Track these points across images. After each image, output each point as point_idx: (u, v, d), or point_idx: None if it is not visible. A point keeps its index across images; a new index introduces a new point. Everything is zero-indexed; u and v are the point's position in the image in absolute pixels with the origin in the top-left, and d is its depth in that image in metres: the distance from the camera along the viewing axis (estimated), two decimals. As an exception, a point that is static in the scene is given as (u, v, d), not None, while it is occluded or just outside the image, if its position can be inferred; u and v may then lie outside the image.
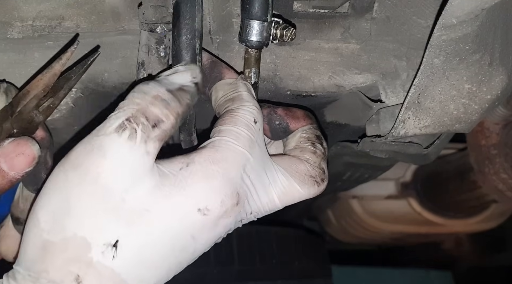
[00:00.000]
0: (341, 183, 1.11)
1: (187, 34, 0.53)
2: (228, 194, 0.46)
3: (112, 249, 0.42)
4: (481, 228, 1.83)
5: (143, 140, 0.43)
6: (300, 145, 0.56)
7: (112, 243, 0.42)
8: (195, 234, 0.45)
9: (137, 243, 0.43)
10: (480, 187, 1.47)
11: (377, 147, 0.67)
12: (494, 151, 1.34)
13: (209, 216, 0.45)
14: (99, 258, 0.41)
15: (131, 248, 0.43)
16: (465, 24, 0.50)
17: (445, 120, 0.60)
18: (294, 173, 0.53)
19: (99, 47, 0.59)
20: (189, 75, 0.50)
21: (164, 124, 0.44)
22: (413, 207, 1.74)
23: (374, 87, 0.65)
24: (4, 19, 0.58)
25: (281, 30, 0.55)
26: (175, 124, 0.46)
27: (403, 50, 0.64)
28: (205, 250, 0.48)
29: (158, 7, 0.55)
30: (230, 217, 0.47)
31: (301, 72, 0.64)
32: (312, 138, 0.57)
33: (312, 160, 0.55)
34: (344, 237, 2.01)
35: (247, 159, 0.48)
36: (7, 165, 0.46)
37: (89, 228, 0.42)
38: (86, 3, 0.58)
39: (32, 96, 0.50)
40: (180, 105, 0.46)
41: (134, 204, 0.43)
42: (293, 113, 0.57)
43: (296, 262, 1.25)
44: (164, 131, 0.44)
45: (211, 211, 0.45)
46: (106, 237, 0.42)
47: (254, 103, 0.52)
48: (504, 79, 0.57)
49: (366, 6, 0.61)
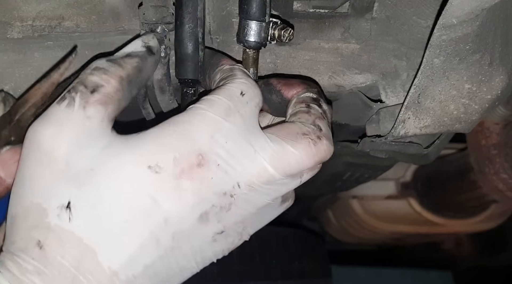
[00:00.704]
0: (341, 183, 1.11)
1: (190, 23, 0.53)
2: (184, 152, 0.44)
3: (66, 211, 0.42)
4: (481, 228, 1.83)
5: (81, 106, 0.44)
6: (295, 109, 0.52)
7: (65, 205, 0.42)
8: (154, 195, 0.43)
9: (89, 203, 0.42)
10: (480, 187, 1.47)
11: (377, 147, 0.67)
12: (494, 151, 1.34)
13: (162, 174, 0.43)
14: (56, 222, 0.42)
15: (84, 209, 0.42)
16: (465, 24, 0.50)
17: (445, 120, 0.60)
18: (285, 135, 0.48)
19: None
20: (139, 42, 0.51)
21: (104, 88, 0.45)
22: (413, 207, 1.74)
23: (374, 87, 0.65)
24: (4, 19, 0.58)
25: (279, 30, 0.55)
26: (119, 87, 0.46)
27: (403, 50, 0.64)
28: (182, 223, 0.44)
29: (158, 7, 0.55)
30: (194, 179, 0.44)
31: (301, 72, 0.64)
32: (307, 100, 0.52)
33: (305, 118, 0.50)
34: (344, 237, 2.01)
35: (219, 126, 0.45)
36: (5, 172, 0.47)
37: (42, 194, 0.43)
38: (86, 3, 0.58)
39: (31, 105, 0.51)
40: (122, 69, 0.47)
41: (80, 165, 0.43)
42: (287, 81, 0.54)
43: (296, 262, 1.25)
44: (106, 95, 0.45)
45: (163, 168, 0.43)
46: (58, 200, 0.43)
47: (247, 79, 0.50)
48: (504, 79, 0.57)
49: (366, 6, 0.61)
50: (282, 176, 0.47)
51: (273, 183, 0.47)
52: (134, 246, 0.43)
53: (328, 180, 1.08)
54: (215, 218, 0.46)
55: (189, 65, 0.56)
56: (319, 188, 1.26)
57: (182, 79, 0.57)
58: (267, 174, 0.46)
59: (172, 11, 0.55)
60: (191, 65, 0.56)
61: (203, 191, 0.44)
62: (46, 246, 0.42)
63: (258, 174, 0.46)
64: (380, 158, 0.70)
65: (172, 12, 0.55)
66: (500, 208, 1.75)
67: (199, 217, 0.45)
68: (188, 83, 0.57)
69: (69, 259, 0.42)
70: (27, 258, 0.42)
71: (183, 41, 0.54)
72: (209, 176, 0.45)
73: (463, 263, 2.37)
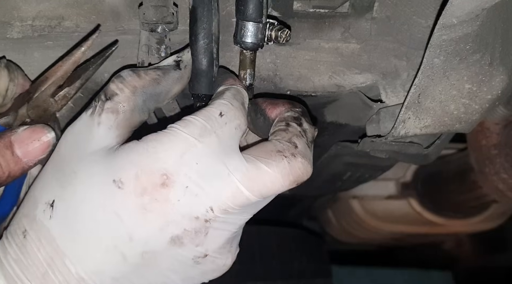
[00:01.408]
0: (341, 183, 1.11)
1: (205, 39, 0.54)
2: (146, 169, 0.43)
3: (49, 208, 0.44)
4: (482, 228, 1.83)
5: (97, 114, 0.47)
6: (275, 128, 0.50)
7: (50, 202, 0.45)
8: (118, 211, 0.43)
9: (66, 205, 0.44)
10: (481, 187, 1.47)
11: (377, 146, 0.67)
12: (494, 151, 1.34)
13: (124, 190, 0.43)
14: (40, 216, 0.45)
15: (61, 210, 0.44)
16: (466, 24, 0.50)
17: (446, 120, 0.60)
18: (260, 153, 0.45)
19: (117, 41, 0.59)
20: (174, 56, 0.53)
21: (117, 96, 0.47)
22: (413, 207, 1.74)
23: (374, 87, 0.65)
24: (4, 19, 0.58)
25: (276, 31, 0.55)
26: (131, 96, 0.47)
27: (403, 50, 0.64)
28: (150, 244, 0.43)
29: (159, 7, 0.55)
30: (158, 201, 0.42)
31: (301, 72, 0.64)
32: (287, 119, 0.50)
33: (281, 136, 0.48)
34: (344, 237, 2.01)
35: (190, 146, 0.44)
36: (21, 151, 0.47)
37: (39, 188, 0.47)
38: (86, 3, 0.58)
39: (50, 83, 0.51)
40: (139, 79, 0.48)
41: (69, 166, 0.45)
42: (272, 101, 0.53)
43: (296, 262, 1.24)
44: (116, 103, 0.47)
45: (125, 184, 0.43)
46: (47, 197, 0.45)
47: (232, 100, 0.49)
48: (505, 79, 0.57)
49: (366, 6, 0.61)
50: (258, 197, 0.45)
51: (249, 204, 0.45)
52: (99, 256, 0.43)
53: (328, 180, 1.08)
54: (191, 242, 0.44)
55: (203, 81, 0.56)
56: (319, 188, 1.26)
57: (196, 95, 0.57)
58: (242, 196, 0.44)
59: (173, 11, 0.55)
60: (205, 81, 0.56)
61: (169, 213, 0.43)
62: (28, 236, 0.45)
63: (232, 196, 0.44)
64: (380, 158, 0.70)
65: (172, 12, 0.55)
66: (500, 208, 1.75)
67: (170, 240, 0.43)
68: (202, 98, 0.57)
69: (44, 254, 0.44)
70: (12, 243, 0.45)
71: (198, 57, 0.54)
72: (175, 197, 0.43)
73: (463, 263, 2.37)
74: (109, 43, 0.59)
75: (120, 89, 0.47)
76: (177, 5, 0.57)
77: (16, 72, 0.53)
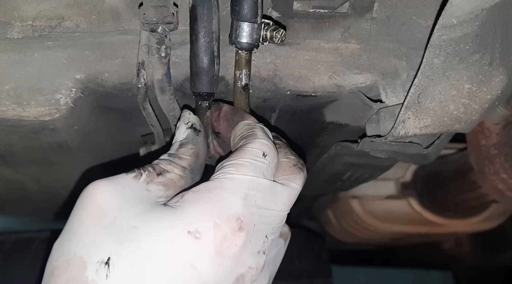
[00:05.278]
0: (341, 183, 1.11)
1: (205, 37, 0.54)
2: (223, 217, 0.44)
3: (105, 267, 0.42)
4: (481, 228, 1.83)
5: (145, 182, 0.48)
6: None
7: (104, 261, 0.42)
8: (193, 262, 0.43)
9: (128, 261, 0.42)
10: (480, 187, 1.47)
11: (377, 146, 0.67)
12: (494, 151, 1.34)
13: (202, 240, 0.43)
14: (93, 277, 0.42)
15: (122, 266, 0.42)
16: (465, 24, 0.50)
17: (445, 120, 0.60)
18: (286, 172, 0.53)
19: None
20: (182, 127, 0.56)
21: (169, 174, 0.50)
22: (413, 207, 1.74)
23: (374, 87, 0.65)
24: (4, 19, 0.58)
25: (271, 31, 0.55)
26: (182, 173, 0.51)
27: (403, 50, 0.64)
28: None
29: (159, 7, 0.55)
30: (236, 244, 0.44)
31: (301, 72, 0.64)
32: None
33: (283, 152, 0.56)
34: (344, 237, 2.01)
35: (249, 188, 0.47)
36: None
37: (85, 247, 0.43)
38: (86, 3, 0.58)
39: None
40: (181, 160, 0.52)
41: (125, 222, 0.44)
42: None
43: (296, 262, 1.24)
44: (169, 179, 0.50)
45: (203, 234, 0.43)
46: (99, 255, 0.42)
47: (267, 139, 0.52)
48: (504, 79, 0.57)
49: (366, 6, 0.61)
50: (289, 209, 0.51)
51: (284, 218, 0.51)
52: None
53: (328, 179, 1.08)
54: (250, 280, 0.47)
55: (205, 79, 0.56)
56: (319, 188, 1.26)
57: (197, 93, 0.57)
58: (284, 215, 0.50)
59: (173, 11, 0.55)
60: (206, 79, 0.56)
61: (242, 254, 0.45)
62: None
63: (279, 220, 0.50)
64: (380, 158, 0.70)
65: (172, 12, 0.55)
66: (500, 208, 1.75)
67: (235, 280, 0.45)
68: (203, 96, 0.58)
69: None
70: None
71: (199, 55, 0.54)
72: (247, 238, 0.46)
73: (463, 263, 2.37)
74: None
75: (170, 169, 0.51)
76: (177, 5, 0.57)
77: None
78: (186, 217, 0.44)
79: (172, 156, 0.53)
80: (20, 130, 0.64)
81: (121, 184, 0.47)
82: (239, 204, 0.46)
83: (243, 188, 0.47)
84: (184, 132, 0.56)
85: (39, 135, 0.65)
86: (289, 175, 0.52)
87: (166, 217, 0.44)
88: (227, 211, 0.45)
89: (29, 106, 0.60)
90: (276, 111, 0.73)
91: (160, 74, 0.59)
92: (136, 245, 0.42)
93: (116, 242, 0.43)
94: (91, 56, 0.61)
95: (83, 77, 0.61)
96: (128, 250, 0.42)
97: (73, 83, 0.61)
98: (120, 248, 0.42)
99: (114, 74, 0.61)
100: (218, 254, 0.43)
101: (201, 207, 0.45)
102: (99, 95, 0.63)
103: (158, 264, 0.42)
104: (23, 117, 0.60)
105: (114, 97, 0.64)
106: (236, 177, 0.47)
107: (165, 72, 0.59)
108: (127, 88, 0.62)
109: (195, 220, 0.44)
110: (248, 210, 0.46)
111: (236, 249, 0.44)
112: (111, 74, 0.61)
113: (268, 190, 0.48)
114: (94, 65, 0.61)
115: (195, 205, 0.45)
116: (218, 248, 0.43)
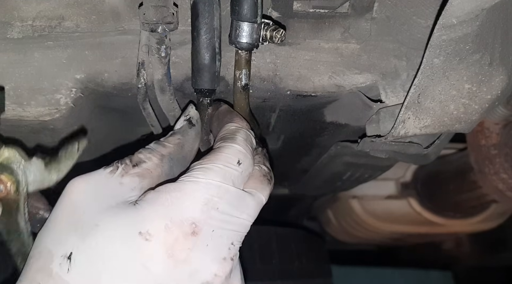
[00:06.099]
0: (341, 183, 1.11)
1: (207, 33, 0.54)
2: (176, 220, 0.44)
3: (67, 261, 0.43)
4: (481, 228, 1.83)
5: (120, 175, 0.48)
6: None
7: (67, 255, 0.43)
8: (146, 263, 0.42)
9: (87, 259, 0.43)
10: (480, 187, 1.47)
11: (377, 147, 0.67)
12: (494, 151, 1.34)
13: (152, 242, 0.43)
14: (57, 270, 0.43)
15: (82, 262, 0.43)
16: (465, 24, 0.50)
17: (445, 120, 0.60)
18: (254, 183, 0.52)
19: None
20: (181, 119, 0.56)
21: (145, 163, 0.49)
22: (413, 207, 1.74)
23: (374, 87, 0.65)
24: (4, 19, 0.58)
25: (271, 31, 0.55)
26: (160, 161, 0.50)
27: (403, 50, 0.64)
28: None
29: (159, 7, 0.55)
30: (189, 249, 0.44)
31: (301, 72, 0.64)
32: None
33: (257, 160, 0.55)
34: (344, 237, 2.01)
35: (212, 194, 0.46)
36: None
37: (53, 241, 0.45)
38: (86, 3, 0.58)
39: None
40: (164, 148, 0.52)
41: (89, 219, 0.44)
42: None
43: (296, 262, 1.24)
44: (145, 169, 0.49)
45: (153, 236, 0.43)
46: (63, 249, 0.44)
47: (245, 146, 0.51)
48: (504, 79, 0.57)
49: (366, 6, 0.61)
50: (253, 219, 0.50)
51: (248, 228, 0.50)
52: None
53: (328, 179, 1.08)
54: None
55: (206, 76, 0.56)
56: (319, 188, 1.26)
57: (198, 89, 0.57)
58: (248, 224, 0.49)
59: (173, 11, 0.55)
60: (207, 76, 0.56)
61: (199, 259, 0.44)
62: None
63: (245, 229, 0.49)
64: (380, 158, 0.70)
65: (172, 12, 0.55)
66: (500, 208, 1.75)
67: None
68: (204, 93, 0.58)
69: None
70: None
71: (200, 52, 0.54)
72: (204, 243, 0.45)
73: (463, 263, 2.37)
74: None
75: (148, 158, 0.50)
76: (177, 5, 0.57)
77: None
78: (139, 217, 0.44)
79: (157, 143, 0.53)
80: (20, 131, 0.64)
81: (95, 179, 0.47)
82: (197, 208, 0.45)
83: (206, 193, 0.46)
84: (180, 124, 0.56)
85: (39, 135, 0.65)
86: (258, 185, 0.52)
87: (122, 215, 0.44)
88: (181, 215, 0.44)
89: (29, 106, 0.60)
90: (276, 111, 0.73)
91: (160, 74, 0.59)
92: (95, 242, 0.43)
93: (79, 238, 0.44)
94: (91, 56, 0.61)
95: (83, 77, 0.61)
96: (88, 247, 0.43)
97: (73, 83, 0.61)
98: (81, 243, 0.43)
99: (114, 74, 0.61)
100: (170, 257, 0.43)
101: (155, 208, 0.44)
102: (99, 95, 0.63)
103: (113, 262, 0.42)
104: (23, 117, 0.60)
105: (114, 97, 0.64)
106: (201, 181, 0.46)
107: (165, 72, 0.59)
108: (127, 88, 0.62)
109: (147, 221, 0.43)
110: (207, 215, 0.45)
111: (190, 253, 0.44)
112: (111, 74, 0.61)
113: (234, 198, 0.47)
114: (94, 65, 0.61)
115: (151, 205, 0.45)
116: (169, 251, 0.43)
